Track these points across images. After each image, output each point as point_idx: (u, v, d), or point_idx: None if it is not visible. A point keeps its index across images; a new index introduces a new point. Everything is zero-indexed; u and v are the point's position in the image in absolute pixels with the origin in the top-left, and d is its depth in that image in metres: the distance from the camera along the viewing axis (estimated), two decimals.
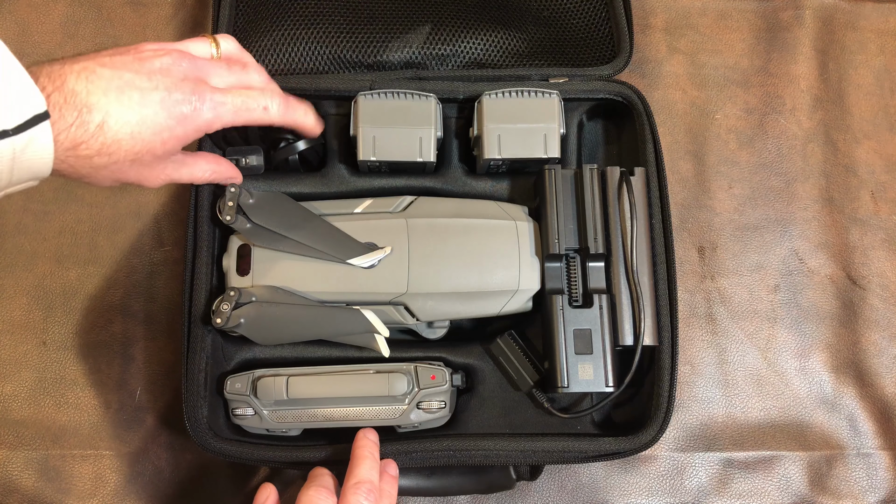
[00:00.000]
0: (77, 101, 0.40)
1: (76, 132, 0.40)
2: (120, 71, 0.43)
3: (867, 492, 0.64)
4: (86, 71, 0.42)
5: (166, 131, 0.44)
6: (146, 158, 0.45)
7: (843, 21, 0.74)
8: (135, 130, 0.43)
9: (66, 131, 0.40)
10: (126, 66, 0.44)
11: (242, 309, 0.54)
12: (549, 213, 0.58)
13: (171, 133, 0.45)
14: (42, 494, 0.61)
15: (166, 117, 0.44)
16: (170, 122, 0.44)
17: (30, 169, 0.40)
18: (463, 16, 0.66)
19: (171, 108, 0.44)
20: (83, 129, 0.41)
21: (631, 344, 0.56)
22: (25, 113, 0.38)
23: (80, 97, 0.41)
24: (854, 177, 0.70)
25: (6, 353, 0.64)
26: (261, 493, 0.51)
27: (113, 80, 0.42)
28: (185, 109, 0.45)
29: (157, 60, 0.45)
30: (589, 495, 0.63)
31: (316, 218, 0.57)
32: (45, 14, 0.71)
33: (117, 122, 0.42)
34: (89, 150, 0.42)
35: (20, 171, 0.39)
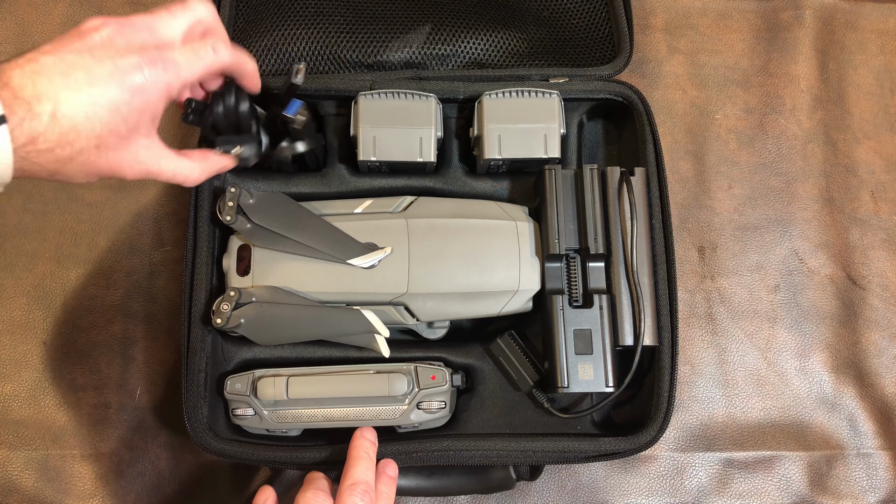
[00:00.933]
0: (24, 94, 0.39)
1: (30, 125, 0.39)
2: (62, 54, 0.41)
3: (867, 492, 0.64)
4: (29, 63, 0.40)
5: (123, 105, 0.42)
6: (111, 141, 0.43)
7: (843, 21, 0.74)
8: (89, 111, 0.40)
9: (19, 127, 0.39)
10: (67, 47, 0.41)
11: (242, 309, 0.54)
12: (549, 213, 0.58)
13: (128, 107, 0.42)
14: (42, 494, 0.61)
15: (119, 90, 0.41)
16: (123, 94, 0.42)
17: None
18: (463, 16, 0.66)
19: (121, 79, 0.42)
20: (37, 122, 0.39)
21: (631, 344, 0.56)
22: None
23: (27, 89, 0.39)
24: (854, 177, 0.70)
25: (6, 353, 0.64)
26: (259, 496, 0.51)
27: (56, 66, 0.40)
28: (138, 79, 0.42)
29: (97, 35, 0.43)
30: (589, 495, 0.63)
31: (316, 218, 0.57)
32: (45, 14, 0.71)
33: (69, 106, 0.40)
34: (49, 143, 0.40)
35: None
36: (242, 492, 0.62)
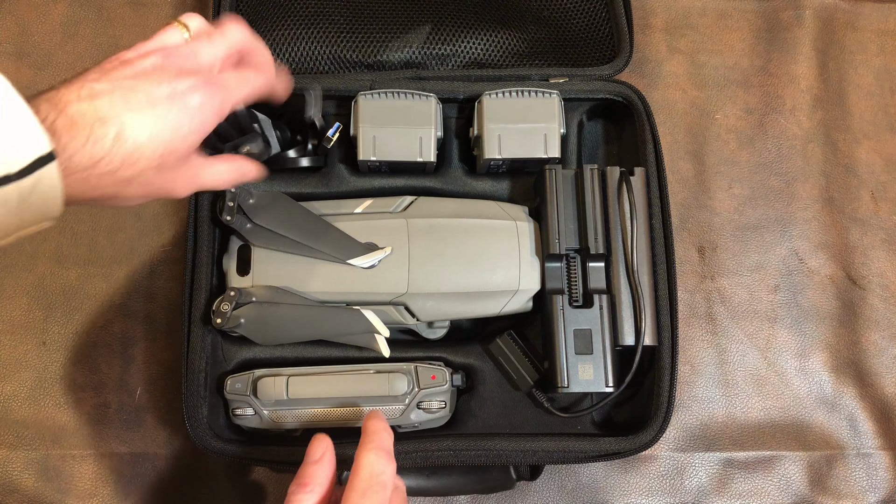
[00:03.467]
0: (86, 119, 0.39)
1: (92, 148, 0.39)
2: (118, 81, 0.41)
3: (867, 492, 0.64)
4: (84, 89, 0.40)
5: (184, 126, 0.43)
6: (170, 161, 0.43)
7: (843, 21, 0.74)
8: (153, 133, 0.41)
9: (81, 151, 0.39)
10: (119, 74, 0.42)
11: (242, 309, 0.54)
12: (549, 213, 0.58)
13: (189, 127, 0.43)
14: (42, 494, 0.61)
15: (179, 110, 0.42)
16: (183, 115, 0.43)
17: (39, 210, 0.38)
18: (463, 16, 0.66)
19: (181, 101, 0.43)
20: (99, 145, 0.39)
21: (631, 344, 0.56)
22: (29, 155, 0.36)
23: (88, 114, 0.39)
24: (854, 177, 0.70)
25: (6, 353, 0.64)
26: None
27: (115, 91, 0.41)
28: (196, 100, 0.43)
29: (146, 61, 0.43)
30: (589, 495, 0.63)
31: (316, 218, 0.57)
32: (45, 14, 0.71)
33: (133, 128, 0.40)
34: (112, 165, 0.40)
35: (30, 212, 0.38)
36: (242, 491, 0.62)
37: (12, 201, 0.36)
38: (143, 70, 0.43)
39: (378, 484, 0.43)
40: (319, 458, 0.45)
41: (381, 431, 0.46)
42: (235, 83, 0.47)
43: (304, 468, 0.44)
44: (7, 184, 0.36)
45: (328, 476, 0.45)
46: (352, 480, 0.43)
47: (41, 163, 0.36)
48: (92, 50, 0.70)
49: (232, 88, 0.46)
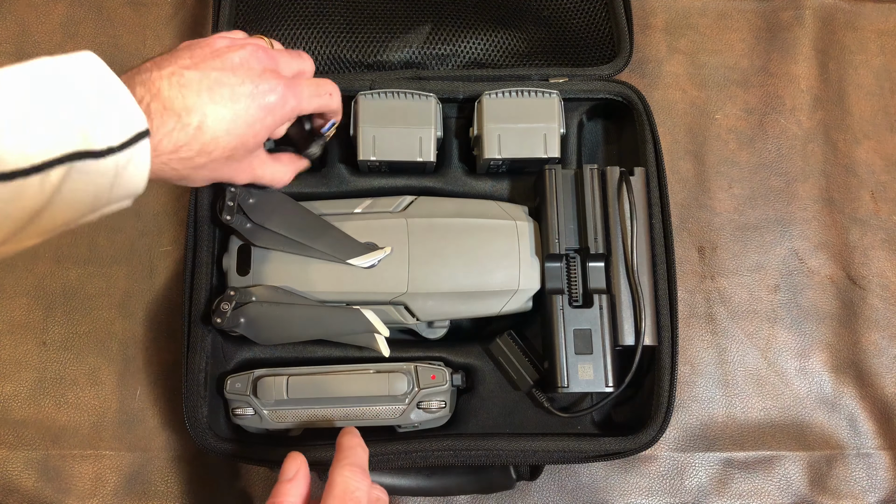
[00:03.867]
0: (175, 106, 0.42)
1: (177, 136, 0.42)
2: (206, 71, 0.44)
3: (867, 492, 0.64)
4: (175, 76, 0.43)
5: (258, 123, 0.46)
6: (239, 153, 0.47)
7: (843, 21, 0.74)
8: (230, 126, 0.44)
9: (168, 136, 0.42)
10: (209, 65, 0.45)
11: (242, 309, 0.54)
12: (549, 213, 0.58)
13: (262, 124, 0.46)
14: (42, 494, 0.61)
15: (257, 109, 0.46)
16: (260, 113, 0.46)
17: (127, 186, 0.41)
18: (463, 16, 0.66)
19: (260, 99, 0.46)
20: (184, 132, 0.42)
21: (631, 344, 0.56)
22: (129, 130, 0.39)
23: (177, 102, 0.42)
24: (854, 177, 0.70)
25: (6, 353, 0.64)
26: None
27: (203, 81, 0.44)
28: (272, 99, 0.46)
29: (236, 55, 0.46)
30: (589, 495, 0.63)
31: (316, 218, 0.57)
32: (45, 14, 0.71)
33: (214, 120, 0.43)
34: (190, 152, 0.43)
35: (119, 187, 0.40)
36: (242, 491, 0.62)
37: (110, 173, 0.39)
38: (231, 64, 0.46)
39: (352, 500, 0.43)
40: (293, 476, 0.45)
41: (355, 448, 0.47)
42: (310, 93, 0.50)
43: (278, 486, 0.45)
44: (109, 155, 0.38)
45: (302, 494, 0.45)
46: (325, 497, 0.43)
47: (138, 138, 0.39)
48: (92, 50, 0.70)
49: (305, 97, 0.50)
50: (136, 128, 0.39)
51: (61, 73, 0.38)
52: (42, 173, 0.36)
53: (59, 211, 0.38)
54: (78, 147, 0.37)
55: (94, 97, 0.38)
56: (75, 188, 0.38)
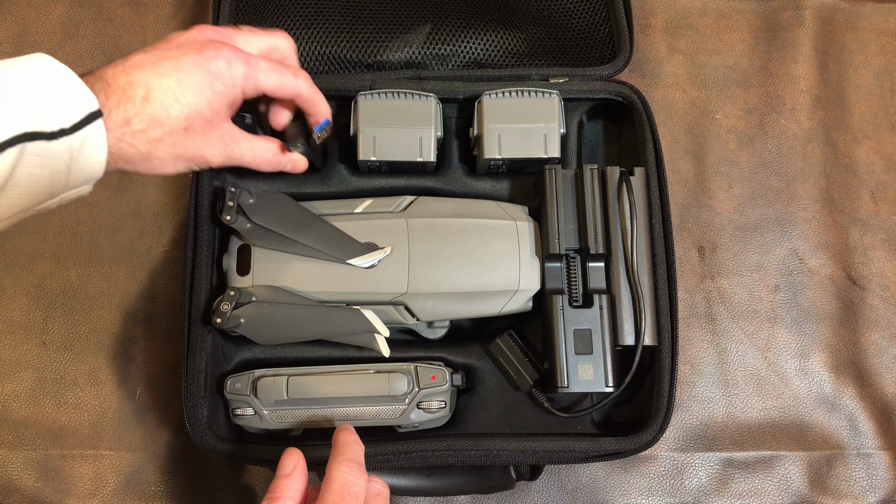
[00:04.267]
0: (118, 82, 0.43)
1: (124, 108, 0.43)
2: (151, 52, 0.46)
3: (867, 492, 0.64)
4: (122, 61, 0.44)
5: (207, 88, 0.46)
6: (197, 123, 0.46)
7: (843, 21, 0.74)
8: (177, 94, 0.45)
9: (116, 109, 0.42)
10: (156, 47, 0.47)
11: (242, 309, 0.54)
12: (549, 213, 0.58)
13: (212, 90, 0.46)
14: (42, 494, 0.61)
15: (203, 74, 0.46)
16: (207, 77, 0.46)
17: (85, 170, 0.42)
18: (463, 16, 0.66)
19: (205, 63, 0.46)
20: (130, 105, 0.43)
21: (631, 344, 0.56)
22: (80, 111, 0.40)
23: (121, 78, 0.43)
24: (854, 177, 0.70)
25: (6, 353, 0.64)
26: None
27: (147, 60, 0.45)
28: (220, 64, 0.47)
29: (183, 36, 0.48)
30: (589, 495, 0.63)
31: (316, 218, 0.57)
32: (45, 14, 0.71)
33: (159, 90, 0.44)
34: (142, 123, 0.44)
35: (77, 171, 0.41)
36: (242, 491, 0.62)
37: (64, 156, 0.40)
38: (177, 43, 0.47)
39: (350, 496, 0.43)
40: (291, 472, 0.45)
41: (351, 444, 0.47)
42: (268, 68, 0.50)
43: (275, 482, 0.44)
44: (62, 137, 0.39)
45: (299, 489, 0.45)
46: (323, 493, 0.43)
47: (90, 119, 0.40)
48: (92, 50, 0.70)
49: (260, 68, 0.49)
50: (86, 108, 0.40)
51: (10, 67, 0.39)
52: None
53: (16, 194, 0.39)
54: (28, 128, 0.38)
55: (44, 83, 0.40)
56: (30, 171, 0.39)
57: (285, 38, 0.53)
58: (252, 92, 0.49)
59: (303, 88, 0.52)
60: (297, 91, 0.52)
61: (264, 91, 0.50)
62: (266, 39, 0.52)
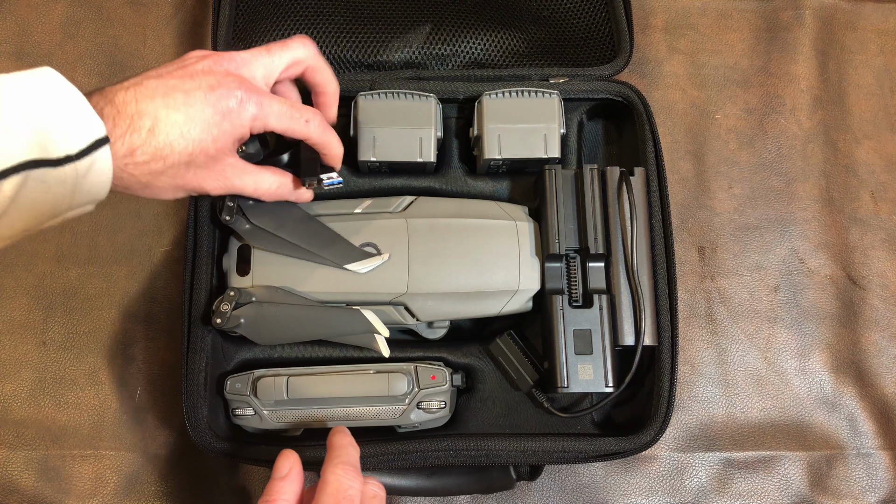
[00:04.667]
0: (128, 110, 0.42)
1: (130, 138, 0.42)
2: (165, 79, 0.44)
3: (867, 492, 0.64)
4: (133, 85, 0.43)
5: (214, 127, 0.45)
6: (200, 159, 0.45)
7: (843, 21, 0.74)
8: (184, 130, 0.43)
9: (122, 139, 0.41)
10: (170, 73, 0.45)
11: (242, 309, 0.54)
12: (549, 213, 0.58)
13: (219, 129, 0.45)
14: (42, 494, 0.61)
15: (212, 112, 0.45)
16: (216, 117, 0.45)
17: (89, 192, 0.41)
18: (463, 16, 0.66)
19: (216, 103, 0.45)
20: (136, 135, 0.42)
21: (631, 344, 0.56)
22: (87, 138, 0.39)
23: (130, 106, 0.42)
24: (854, 177, 0.70)
25: (6, 353, 0.64)
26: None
27: (158, 88, 0.43)
28: (231, 103, 0.45)
29: (200, 63, 0.46)
30: (589, 495, 0.63)
31: (315, 222, 0.57)
32: (45, 14, 0.71)
33: (166, 123, 0.43)
34: (145, 156, 0.43)
35: (81, 194, 0.40)
36: (242, 492, 0.62)
37: (69, 181, 0.39)
38: (192, 71, 0.45)
39: (345, 499, 0.43)
40: (286, 474, 0.45)
41: (346, 446, 0.46)
42: (280, 110, 0.48)
43: (271, 484, 0.44)
44: (67, 164, 0.38)
45: (295, 492, 0.45)
46: (319, 496, 0.43)
47: (97, 145, 0.39)
48: (92, 50, 0.70)
49: (271, 111, 0.48)
50: (94, 135, 0.39)
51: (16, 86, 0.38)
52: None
53: (17, 218, 0.39)
54: (33, 156, 0.37)
55: (51, 107, 0.38)
56: (33, 196, 0.38)
57: (303, 44, 0.51)
58: (260, 130, 0.49)
59: (313, 133, 0.51)
60: (308, 136, 0.51)
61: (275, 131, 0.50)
62: (284, 56, 0.50)
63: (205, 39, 0.71)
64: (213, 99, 0.45)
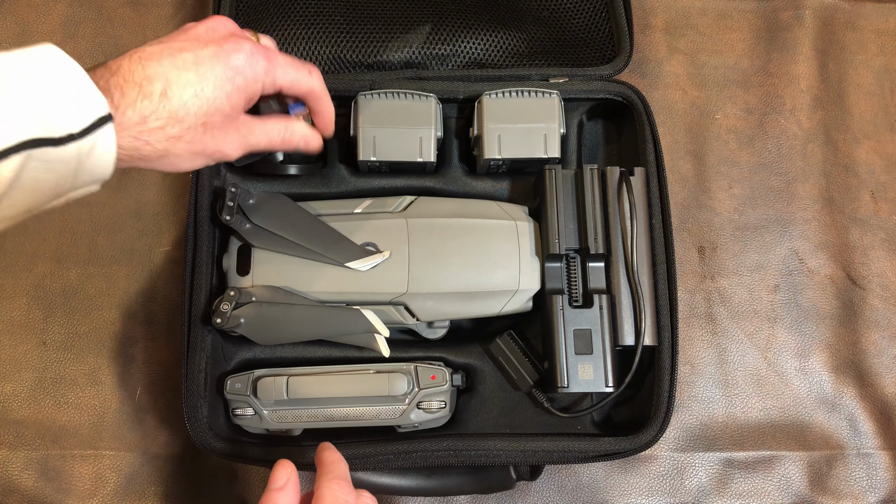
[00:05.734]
0: (135, 77, 0.41)
1: (142, 105, 0.41)
2: (168, 43, 0.44)
3: (867, 492, 0.64)
4: (137, 53, 0.42)
5: (227, 83, 0.44)
6: (217, 119, 0.45)
7: (843, 21, 0.74)
8: (197, 89, 0.43)
9: (132, 106, 0.41)
10: (172, 39, 0.45)
11: (242, 309, 0.54)
12: (549, 213, 0.58)
13: (232, 84, 0.45)
14: (42, 494, 0.61)
15: (223, 68, 0.44)
16: (227, 72, 0.44)
17: (92, 171, 0.40)
18: (463, 16, 0.66)
19: (226, 59, 0.44)
20: (148, 100, 0.41)
21: (631, 344, 0.56)
22: (90, 116, 0.38)
23: (137, 73, 0.41)
24: (854, 177, 0.70)
25: (6, 353, 0.64)
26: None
27: (165, 52, 0.43)
28: (239, 57, 0.45)
29: (200, 26, 0.46)
30: (589, 495, 0.63)
31: (315, 220, 0.57)
32: (45, 14, 0.71)
33: (178, 85, 0.42)
34: (159, 121, 0.42)
35: (84, 173, 0.40)
36: (242, 491, 0.62)
37: (72, 161, 0.38)
38: (195, 34, 0.45)
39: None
40: (284, 485, 0.45)
41: (337, 462, 0.46)
42: (286, 62, 0.48)
43: (267, 494, 0.44)
44: (70, 143, 0.38)
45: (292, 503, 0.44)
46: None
47: (100, 123, 0.39)
48: (92, 50, 0.70)
49: (280, 65, 0.48)
50: (96, 113, 0.39)
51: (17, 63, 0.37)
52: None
53: (20, 197, 0.38)
54: (35, 135, 0.36)
55: (53, 85, 0.37)
56: (35, 176, 0.38)
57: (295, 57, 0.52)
58: (270, 88, 0.48)
59: (316, 86, 0.51)
60: (311, 88, 0.51)
61: (280, 87, 0.49)
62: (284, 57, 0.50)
63: None
64: (222, 54, 0.44)
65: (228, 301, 0.54)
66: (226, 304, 0.54)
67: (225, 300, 0.55)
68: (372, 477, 0.57)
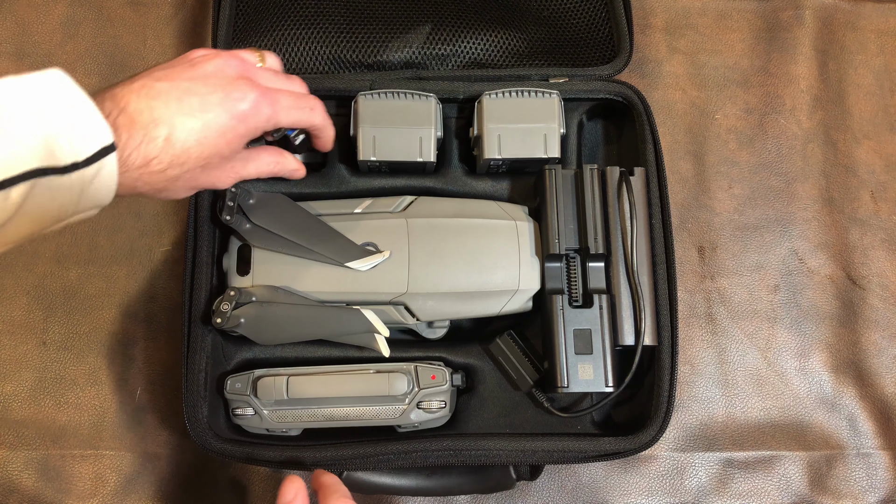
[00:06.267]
0: (142, 119, 0.41)
1: (146, 149, 0.41)
2: (176, 81, 0.44)
3: (867, 492, 0.64)
4: (145, 88, 0.42)
5: (230, 131, 0.45)
6: (215, 161, 0.46)
7: (843, 21, 0.74)
8: (200, 136, 0.43)
9: (137, 150, 0.41)
10: (180, 75, 0.44)
11: (242, 309, 0.54)
12: (549, 213, 0.58)
13: (234, 132, 0.45)
14: (42, 494, 0.61)
15: (228, 117, 0.45)
16: (232, 121, 0.45)
17: (94, 198, 0.41)
18: (463, 16, 0.66)
19: (231, 107, 0.45)
20: (152, 145, 0.42)
21: (631, 344, 0.56)
22: (94, 145, 0.39)
23: (145, 114, 0.41)
24: (854, 177, 0.70)
25: (6, 353, 0.64)
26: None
27: (172, 92, 0.43)
28: (245, 107, 0.45)
29: (209, 64, 0.46)
30: (589, 495, 0.63)
31: (315, 220, 0.57)
32: (45, 14, 0.71)
33: (183, 131, 0.43)
34: (161, 164, 0.42)
35: (86, 200, 0.40)
36: (242, 491, 0.62)
37: (76, 188, 0.39)
38: (203, 73, 0.45)
39: None
40: (292, 500, 0.45)
41: (337, 483, 0.48)
42: (288, 104, 0.49)
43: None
44: (74, 171, 0.38)
45: None
46: None
47: (104, 153, 0.39)
48: (92, 50, 0.70)
49: (283, 107, 0.48)
50: (101, 142, 0.39)
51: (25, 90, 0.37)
52: (3, 190, 0.36)
53: (23, 224, 0.38)
54: (41, 164, 0.37)
55: (59, 113, 0.38)
56: (40, 203, 0.38)
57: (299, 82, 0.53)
58: (272, 128, 0.50)
59: (317, 121, 0.53)
60: (312, 124, 0.53)
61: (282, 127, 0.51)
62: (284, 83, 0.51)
63: (205, 39, 0.71)
64: (228, 104, 0.45)
65: (228, 301, 0.54)
66: (226, 304, 0.54)
67: (225, 300, 0.55)
68: (372, 477, 0.57)
